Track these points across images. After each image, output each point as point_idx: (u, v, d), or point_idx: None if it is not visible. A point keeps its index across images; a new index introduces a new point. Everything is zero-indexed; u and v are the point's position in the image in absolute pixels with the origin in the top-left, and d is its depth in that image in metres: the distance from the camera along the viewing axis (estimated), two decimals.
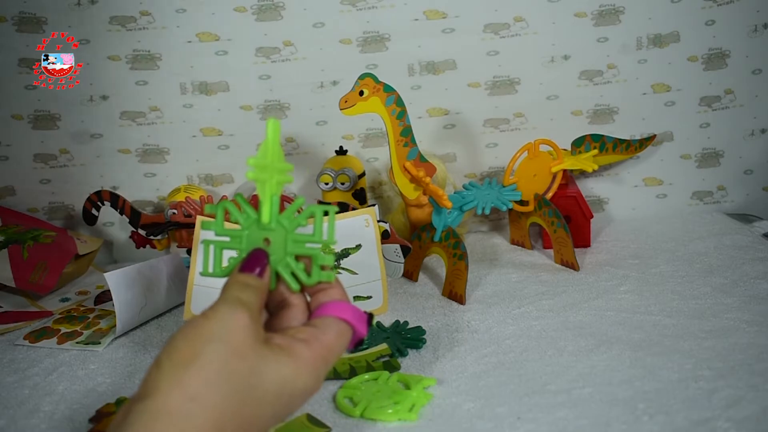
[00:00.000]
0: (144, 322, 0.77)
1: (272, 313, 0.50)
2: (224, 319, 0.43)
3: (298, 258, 0.49)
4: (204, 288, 0.71)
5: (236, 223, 0.49)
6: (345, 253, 0.76)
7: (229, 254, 0.49)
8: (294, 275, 0.48)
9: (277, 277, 0.49)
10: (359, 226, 0.76)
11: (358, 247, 0.76)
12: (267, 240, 0.49)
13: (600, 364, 0.63)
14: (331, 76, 0.98)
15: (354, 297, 0.75)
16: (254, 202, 0.86)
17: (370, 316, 0.50)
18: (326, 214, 0.48)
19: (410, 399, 0.58)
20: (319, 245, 0.48)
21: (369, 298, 0.77)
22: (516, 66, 0.98)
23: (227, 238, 0.49)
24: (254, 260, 0.47)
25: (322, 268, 0.48)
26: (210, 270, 0.50)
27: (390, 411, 0.57)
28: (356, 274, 0.76)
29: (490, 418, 0.56)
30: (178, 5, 0.95)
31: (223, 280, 0.48)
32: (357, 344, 0.49)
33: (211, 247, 0.50)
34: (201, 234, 0.72)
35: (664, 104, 0.99)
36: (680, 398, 0.57)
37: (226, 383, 0.41)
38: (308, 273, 0.48)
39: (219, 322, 0.43)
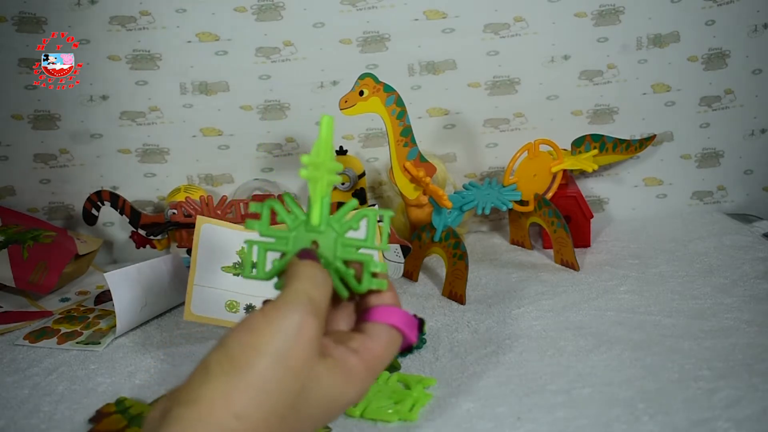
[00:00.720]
0: (144, 322, 0.77)
1: None
2: (287, 329, 0.39)
3: (347, 263, 0.46)
4: (204, 288, 0.71)
5: (283, 223, 0.47)
6: None
7: (272, 256, 0.46)
8: (343, 281, 0.46)
9: None
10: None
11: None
12: (315, 243, 0.46)
13: (600, 364, 0.63)
14: (331, 76, 0.98)
15: None
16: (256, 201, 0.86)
17: (422, 321, 0.48)
18: (380, 219, 0.46)
19: (410, 399, 0.58)
20: (372, 251, 0.45)
21: None
22: (516, 66, 0.98)
23: (272, 239, 0.47)
24: (308, 257, 0.44)
25: (374, 275, 0.46)
26: (253, 272, 0.47)
27: (390, 411, 0.57)
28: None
29: (490, 418, 0.56)
30: (178, 5, 0.95)
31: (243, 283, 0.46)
32: (406, 350, 0.47)
33: (255, 247, 0.47)
34: (244, 235, 0.69)
35: (664, 104, 0.99)
36: (680, 398, 0.57)
37: (275, 400, 0.38)
38: (358, 279, 0.46)
39: (281, 333, 0.39)
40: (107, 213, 0.96)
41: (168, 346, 0.72)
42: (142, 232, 0.91)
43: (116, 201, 0.91)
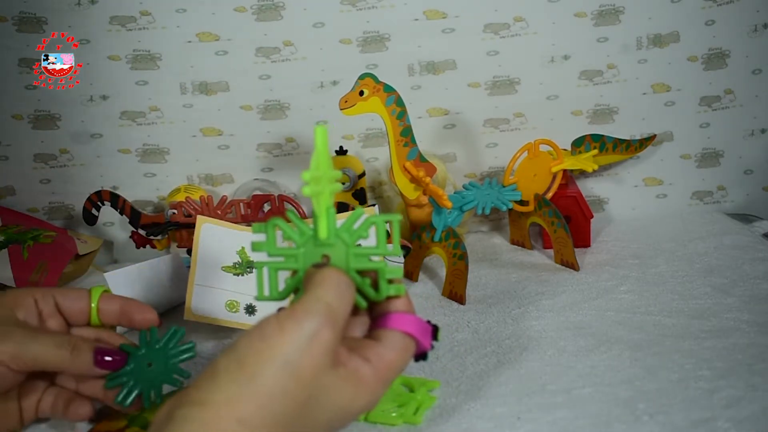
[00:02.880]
0: None
1: None
2: (300, 339, 0.39)
3: (361, 273, 0.46)
4: (204, 288, 0.71)
5: (290, 240, 0.46)
6: None
7: (284, 275, 0.46)
8: (360, 292, 0.46)
9: None
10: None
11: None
12: (326, 256, 0.45)
13: (600, 364, 0.63)
14: (331, 76, 0.98)
15: None
16: (255, 202, 0.86)
17: (436, 328, 0.47)
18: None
19: (414, 402, 0.58)
20: (385, 258, 0.46)
21: None
22: (516, 66, 0.98)
23: (281, 258, 0.46)
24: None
25: (390, 281, 0.45)
26: (266, 293, 0.46)
27: (394, 414, 0.57)
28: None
29: (490, 418, 0.56)
30: (178, 5, 0.95)
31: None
32: (420, 357, 0.47)
33: (265, 269, 0.46)
34: (253, 255, 0.69)
35: (664, 104, 0.99)
36: (680, 398, 0.57)
37: (281, 409, 0.39)
38: (374, 288, 0.46)
39: (293, 341, 0.39)
40: (107, 213, 0.96)
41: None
42: (142, 232, 0.91)
43: (116, 201, 0.91)
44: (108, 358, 0.52)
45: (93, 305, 0.57)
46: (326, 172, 0.45)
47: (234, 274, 0.72)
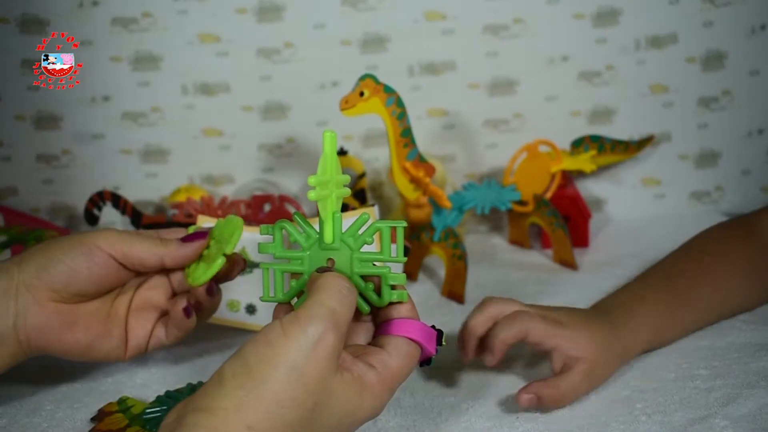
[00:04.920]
0: None
1: None
2: (305, 344, 0.40)
3: (365, 278, 0.46)
4: None
5: (296, 243, 0.47)
6: None
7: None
8: (363, 297, 0.46)
9: None
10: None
11: None
12: (331, 260, 0.46)
13: None
14: (331, 77, 0.98)
15: None
16: (256, 202, 0.87)
17: (440, 333, 0.48)
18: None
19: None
20: (389, 264, 0.46)
21: None
22: (515, 67, 0.98)
23: (287, 261, 0.47)
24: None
25: (393, 287, 0.46)
26: (271, 294, 0.47)
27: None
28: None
29: (489, 417, 0.57)
30: (179, 7, 0.96)
31: None
32: (425, 362, 0.47)
33: (271, 270, 0.47)
34: (259, 256, 0.69)
35: (663, 105, 0.99)
36: (677, 397, 0.57)
37: (289, 415, 0.39)
38: (378, 293, 0.46)
39: (298, 347, 0.40)
40: (109, 213, 0.96)
41: (169, 346, 0.72)
42: None
43: (118, 201, 0.92)
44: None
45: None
46: (333, 177, 0.45)
47: None
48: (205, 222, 0.74)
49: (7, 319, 0.53)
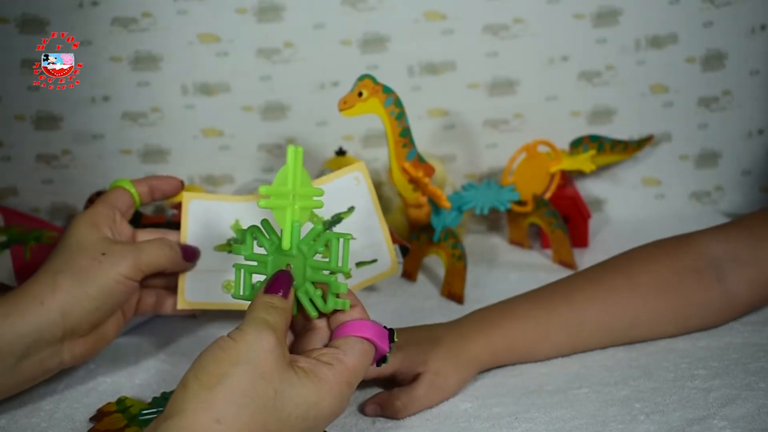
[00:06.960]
0: (144, 321, 0.78)
1: (297, 335, 0.51)
2: (251, 342, 0.44)
3: (316, 284, 0.50)
4: (197, 271, 0.67)
5: (263, 247, 0.51)
6: (337, 219, 0.69)
7: (258, 278, 0.51)
8: (312, 302, 0.50)
9: (298, 302, 0.50)
10: (349, 187, 0.70)
11: (351, 209, 0.70)
12: (289, 266, 0.50)
13: (596, 364, 0.63)
14: (331, 77, 0.98)
15: (357, 263, 0.70)
16: None
17: (392, 332, 0.51)
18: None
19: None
20: (337, 273, 0.49)
21: (374, 261, 0.70)
22: (515, 67, 0.98)
23: (255, 263, 0.51)
24: (278, 282, 0.48)
25: (338, 295, 0.49)
26: (241, 293, 0.52)
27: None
28: (355, 239, 0.64)
29: (487, 418, 0.57)
30: (179, 7, 0.96)
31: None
32: (380, 360, 0.51)
33: (242, 270, 0.51)
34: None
35: (663, 105, 0.99)
36: (676, 397, 0.57)
37: (252, 404, 0.42)
38: (325, 300, 0.50)
39: (246, 344, 0.44)
40: None
41: (168, 346, 0.73)
42: None
43: None
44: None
45: (133, 191, 0.66)
46: (296, 189, 0.49)
47: (228, 252, 0.67)
48: (192, 199, 0.68)
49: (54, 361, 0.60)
